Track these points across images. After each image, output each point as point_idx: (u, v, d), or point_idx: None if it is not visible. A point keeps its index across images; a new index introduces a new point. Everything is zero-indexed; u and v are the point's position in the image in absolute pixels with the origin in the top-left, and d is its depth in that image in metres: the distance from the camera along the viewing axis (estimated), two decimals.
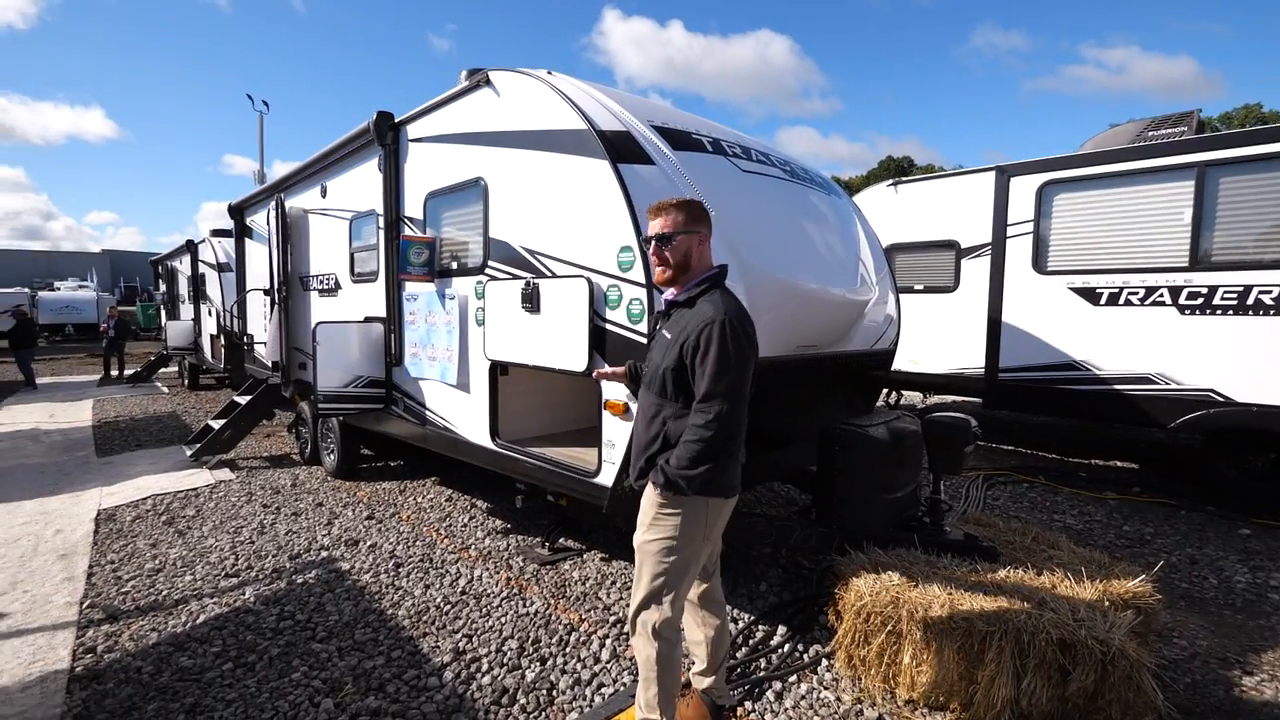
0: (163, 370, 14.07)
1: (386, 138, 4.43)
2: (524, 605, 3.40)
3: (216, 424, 6.72)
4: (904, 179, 6.87)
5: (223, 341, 9.99)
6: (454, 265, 4.04)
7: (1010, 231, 5.44)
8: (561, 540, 4.16)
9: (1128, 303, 4.85)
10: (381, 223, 4.63)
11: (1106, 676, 2.24)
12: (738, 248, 2.95)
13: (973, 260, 6.20)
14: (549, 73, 3.36)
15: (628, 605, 2.47)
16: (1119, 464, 6.19)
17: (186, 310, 12.38)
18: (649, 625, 2.05)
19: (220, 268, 10.13)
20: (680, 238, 2.05)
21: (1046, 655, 2.30)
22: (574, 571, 3.82)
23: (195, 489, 5.65)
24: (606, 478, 2.96)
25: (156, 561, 4.05)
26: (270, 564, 4.00)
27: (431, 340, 4.18)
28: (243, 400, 6.91)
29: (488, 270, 3.66)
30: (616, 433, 2.89)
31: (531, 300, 3.19)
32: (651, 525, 2.06)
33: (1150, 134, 5.91)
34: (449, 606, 3.39)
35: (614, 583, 3.65)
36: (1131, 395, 4.86)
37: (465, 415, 3.98)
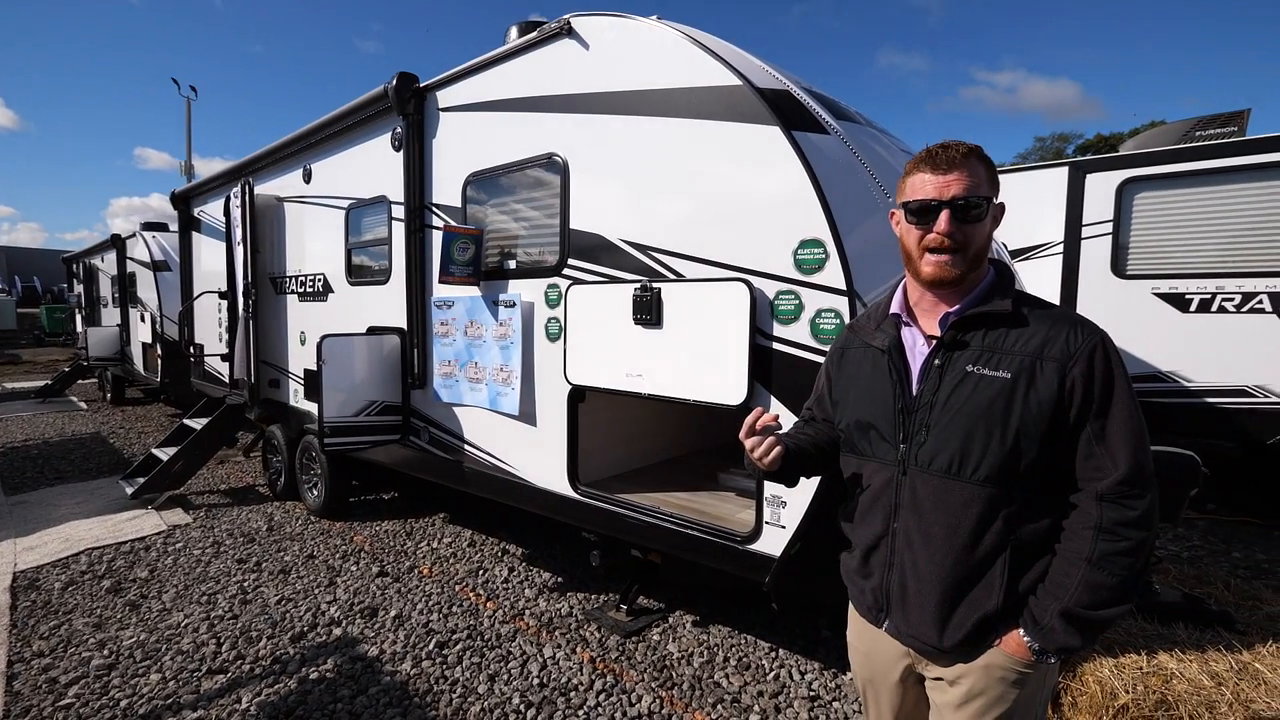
0: (80, 382, 12.28)
1: (409, 106, 3.56)
2: (629, 702, 2.64)
3: (163, 453, 5.57)
4: None
5: (158, 351, 8.62)
6: (510, 265, 3.22)
7: (1085, 232, 5.06)
8: (639, 600, 3.41)
9: (1222, 309, 4.52)
10: (399, 212, 3.75)
11: None
12: None
13: (1019, 263, 5.83)
14: (658, 19, 2.62)
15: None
16: None
17: (110, 315, 10.77)
18: None
19: (155, 266, 8.73)
20: (992, 208, 1.20)
21: None
22: (668, 643, 3.08)
23: (143, 538, 4.56)
24: (770, 544, 2.24)
25: (105, 653, 3.05)
26: (267, 650, 3.07)
27: (475, 357, 3.35)
28: (196, 424, 5.77)
29: (566, 271, 2.88)
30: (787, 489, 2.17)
31: (649, 310, 2.44)
32: (997, 705, 1.23)
33: (1199, 133, 5.67)
34: (531, 710, 2.59)
35: (727, 660, 2.94)
36: (1225, 409, 4.54)
37: (528, 454, 3.17)
